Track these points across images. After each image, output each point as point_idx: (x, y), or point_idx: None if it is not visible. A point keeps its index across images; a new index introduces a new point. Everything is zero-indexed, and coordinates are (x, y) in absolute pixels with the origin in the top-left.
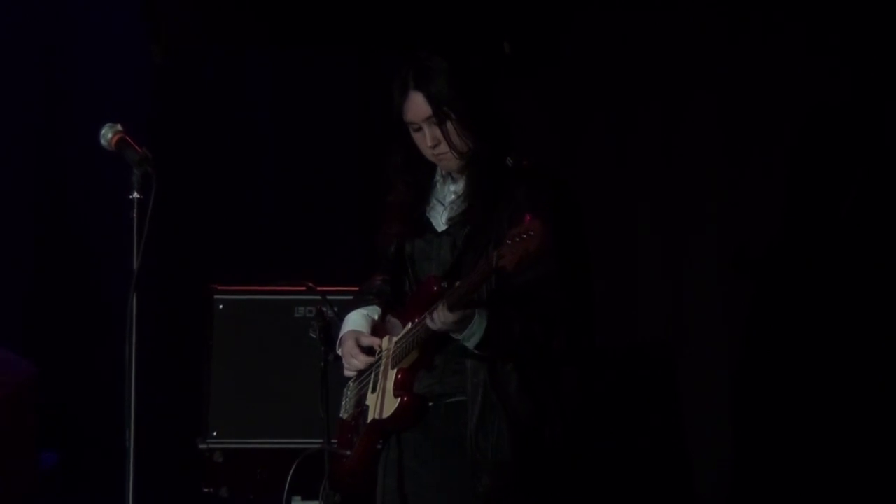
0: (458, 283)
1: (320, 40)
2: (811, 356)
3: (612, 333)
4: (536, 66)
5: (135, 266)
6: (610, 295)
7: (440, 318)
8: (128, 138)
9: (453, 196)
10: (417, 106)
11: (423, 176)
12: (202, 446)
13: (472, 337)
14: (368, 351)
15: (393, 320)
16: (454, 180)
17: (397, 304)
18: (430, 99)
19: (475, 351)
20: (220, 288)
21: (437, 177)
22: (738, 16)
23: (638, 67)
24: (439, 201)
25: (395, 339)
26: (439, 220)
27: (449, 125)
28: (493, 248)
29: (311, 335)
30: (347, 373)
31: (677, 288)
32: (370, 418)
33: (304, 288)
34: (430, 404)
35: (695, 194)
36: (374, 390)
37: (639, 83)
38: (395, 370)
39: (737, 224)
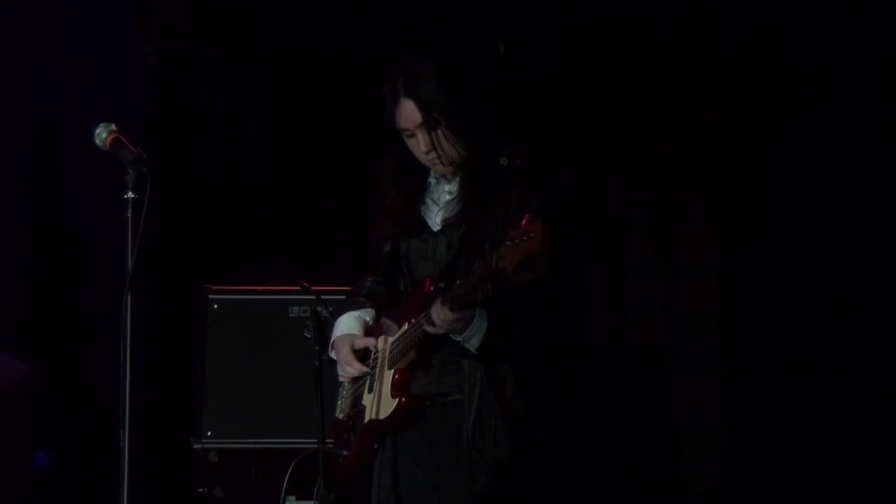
0: (456, 284)
1: (315, 40)
2: (803, 356)
3: (605, 333)
4: (531, 65)
5: (129, 266)
6: (603, 295)
7: (439, 317)
8: (122, 138)
9: (448, 197)
10: (408, 113)
11: (415, 180)
12: (196, 446)
13: (472, 338)
14: (363, 353)
15: (387, 321)
16: (448, 181)
17: (392, 303)
18: (421, 105)
19: (476, 352)
20: (214, 288)
21: (431, 178)
22: (731, 17)
23: (632, 68)
24: (434, 202)
25: (390, 339)
26: (434, 219)
27: (440, 131)
28: (490, 248)
29: (306, 335)
30: (342, 378)
31: (670, 288)
32: (367, 419)
33: (298, 288)
34: (427, 404)
35: (688, 194)
36: (370, 391)
37: (632, 84)
38: (392, 371)
39: (729, 224)
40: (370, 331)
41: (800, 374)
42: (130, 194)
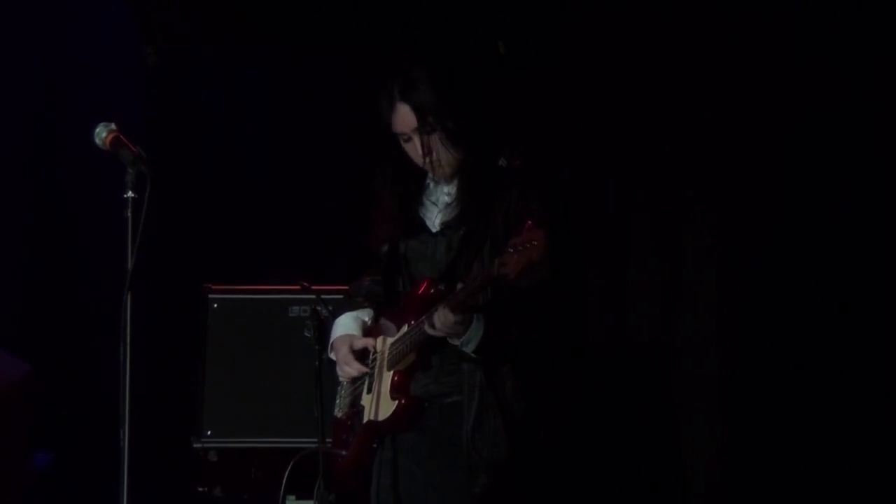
0: (457, 288)
1: (314, 40)
2: (803, 356)
3: (605, 333)
4: (531, 65)
5: (129, 265)
6: (603, 295)
7: (441, 320)
8: (122, 137)
9: (447, 199)
10: (405, 117)
11: (413, 183)
12: (196, 445)
13: (469, 342)
14: (362, 354)
15: (386, 321)
16: (446, 183)
17: (390, 304)
18: (416, 110)
19: (473, 356)
20: (214, 287)
21: (430, 180)
22: (731, 17)
23: (632, 68)
24: (433, 203)
25: (389, 340)
26: (433, 221)
27: (437, 135)
28: (489, 249)
29: (306, 334)
30: (341, 378)
31: (670, 288)
32: (366, 419)
33: (298, 287)
34: (426, 405)
35: (688, 194)
36: (369, 391)
37: (632, 84)
38: (392, 372)
39: (729, 224)
40: (369, 331)
41: (800, 374)
42: (130, 194)
